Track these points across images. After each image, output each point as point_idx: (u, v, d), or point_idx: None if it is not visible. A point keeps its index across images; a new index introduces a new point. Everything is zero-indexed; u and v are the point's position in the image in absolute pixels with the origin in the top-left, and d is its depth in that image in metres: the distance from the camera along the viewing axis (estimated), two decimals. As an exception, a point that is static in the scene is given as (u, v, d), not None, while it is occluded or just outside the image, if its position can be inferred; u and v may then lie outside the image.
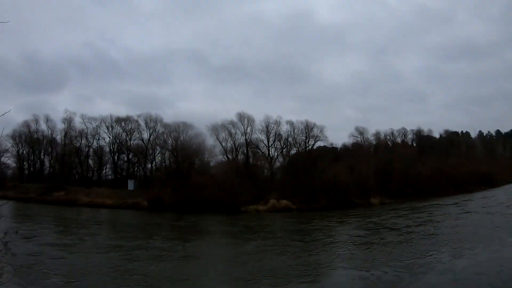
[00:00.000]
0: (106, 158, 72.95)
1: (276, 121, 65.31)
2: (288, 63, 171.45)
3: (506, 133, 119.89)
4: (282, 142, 63.96)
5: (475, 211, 35.31)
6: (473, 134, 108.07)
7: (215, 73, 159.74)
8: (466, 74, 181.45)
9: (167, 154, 64.75)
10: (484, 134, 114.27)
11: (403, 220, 31.80)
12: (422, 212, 37.43)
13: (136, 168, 71.97)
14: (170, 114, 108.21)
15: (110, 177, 73.83)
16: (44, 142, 73.66)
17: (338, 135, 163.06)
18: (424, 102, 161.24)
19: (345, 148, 69.43)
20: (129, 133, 68.94)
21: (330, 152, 64.10)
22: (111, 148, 70.59)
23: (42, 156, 75.06)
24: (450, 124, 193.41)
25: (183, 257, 17.70)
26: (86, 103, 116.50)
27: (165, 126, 66.14)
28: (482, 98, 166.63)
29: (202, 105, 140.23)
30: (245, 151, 63.52)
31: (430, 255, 17.21)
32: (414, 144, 78.35)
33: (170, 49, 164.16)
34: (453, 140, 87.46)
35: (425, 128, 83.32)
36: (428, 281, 12.95)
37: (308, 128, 62.80)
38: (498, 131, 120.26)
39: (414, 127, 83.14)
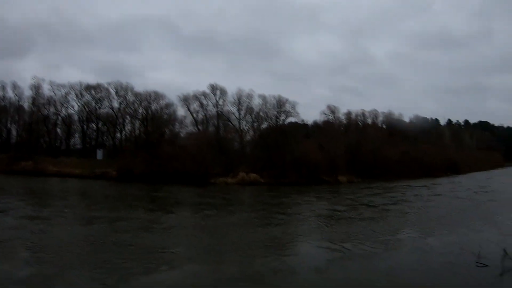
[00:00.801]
0: (75, 126, 71.20)
1: (249, 94, 65.22)
2: (261, 38, 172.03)
3: (474, 124, 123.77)
4: (253, 115, 63.99)
5: (445, 194, 36.35)
6: (443, 122, 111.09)
7: (187, 44, 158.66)
8: (438, 63, 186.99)
9: (137, 123, 63.77)
10: (453, 123, 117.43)
11: (377, 198, 32.35)
12: (394, 192, 38.25)
13: (105, 137, 70.69)
14: (139, 84, 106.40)
15: (78, 146, 72.23)
16: (11, 110, 71.06)
17: (308, 113, 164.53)
18: (395, 87, 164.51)
19: (316, 125, 70.12)
20: (98, 101, 67.38)
21: (301, 129, 64.57)
22: (80, 116, 69.05)
23: (9, 125, 72.57)
24: (419, 110, 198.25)
25: (167, 228, 17.59)
26: (54, 70, 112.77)
27: (136, 95, 64.62)
28: (453, 88, 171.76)
29: (173, 76, 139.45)
30: (216, 123, 63.24)
31: (403, 233, 17.69)
32: (384, 127, 79.66)
33: (140, 17, 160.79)
34: (423, 126, 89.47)
35: (396, 112, 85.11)
36: (398, 257, 13.38)
37: (280, 103, 62.95)
38: (466, 121, 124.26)
39: (384, 110, 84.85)
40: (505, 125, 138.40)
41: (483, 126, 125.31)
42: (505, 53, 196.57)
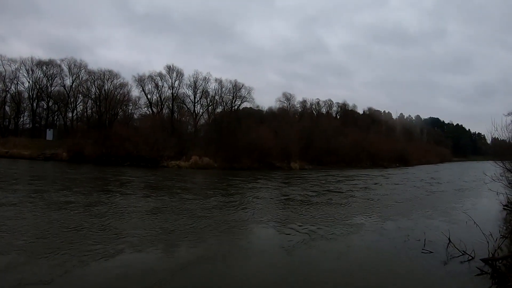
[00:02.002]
0: (24, 105, 67.85)
1: (205, 77, 64.85)
2: (214, 19, 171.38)
3: (425, 119, 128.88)
4: (208, 99, 63.83)
5: (401, 183, 37.66)
6: (395, 116, 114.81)
7: (139, 21, 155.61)
8: (391, 58, 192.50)
9: (89, 103, 61.81)
10: (405, 117, 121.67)
11: (335, 185, 32.57)
12: (352, 180, 39.06)
13: (56, 117, 67.99)
14: (89, 61, 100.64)
15: (27, 126, 69.23)
16: (-45, 84, 67.10)
17: (261, 98, 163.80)
18: (348, 78, 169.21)
19: (271, 112, 70.47)
20: (50, 78, 64.47)
21: (256, 114, 64.62)
22: (30, 94, 65.90)
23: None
24: (373, 102, 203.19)
25: (145, 211, 17.28)
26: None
27: (90, 73, 62.32)
28: (405, 83, 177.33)
29: (124, 54, 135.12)
30: (171, 105, 62.57)
31: (364, 217, 18.13)
32: (338, 117, 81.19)
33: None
34: (375, 118, 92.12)
35: (350, 103, 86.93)
36: (357, 239, 13.64)
37: (236, 88, 63.11)
38: (418, 116, 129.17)
39: (339, 100, 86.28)
40: (454, 123, 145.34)
41: (434, 122, 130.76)
42: (457, 54, 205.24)
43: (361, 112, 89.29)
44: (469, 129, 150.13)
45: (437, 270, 10.28)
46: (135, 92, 63.73)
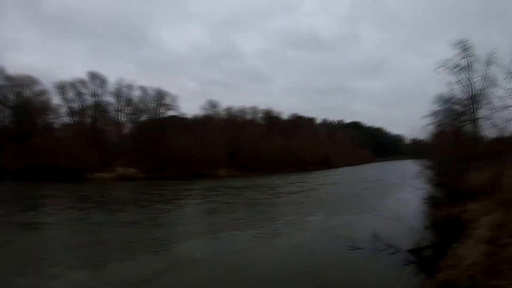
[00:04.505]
0: None
1: (129, 85, 63.12)
2: (126, 23, 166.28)
3: (347, 124, 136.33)
4: (132, 107, 62.63)
5: (339, 183, 40.35)
6: (318, 121, 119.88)
7: (48, 23, 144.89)
8: (308, 63, 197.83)
9: (6, 112, 57.21)
10: (328, 122, 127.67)
11: (264, 193, 33.49)
12: (295, 182, 41.21)
13: (-32, 128, 62.87)
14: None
15: None
16: None
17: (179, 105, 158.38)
18: (266, 84, 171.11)
19: (196, 119, 70.61)
20: (-40, 85, 58.98)
21: (180, 122, 64.60)
22: None
23: None
24: (293, 108, 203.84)
25: (73, 230, 17.39)
26: None
27: (7, 79, 55.34)
28: (322, 88, 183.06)
29: (36, 58, 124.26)
30: (93, 114, 60.36)
31: (312, 216, 19.47)
32: (264, 123, 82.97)
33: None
34: (299, 124, 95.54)
35: (275, 109, 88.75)
36: (306, 236, 14.80)
37: (160, 96, 62.30)
38: (340, 121, 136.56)
39: (262, 107, 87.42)
40: (375, 126, 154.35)
41: (355, 125, 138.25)
42: (372, 60, 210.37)
43: (285, 118, 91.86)
44: (389, 131, 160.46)
45: (364, 265, 11.28)
46: (56, 99, 60.00)
